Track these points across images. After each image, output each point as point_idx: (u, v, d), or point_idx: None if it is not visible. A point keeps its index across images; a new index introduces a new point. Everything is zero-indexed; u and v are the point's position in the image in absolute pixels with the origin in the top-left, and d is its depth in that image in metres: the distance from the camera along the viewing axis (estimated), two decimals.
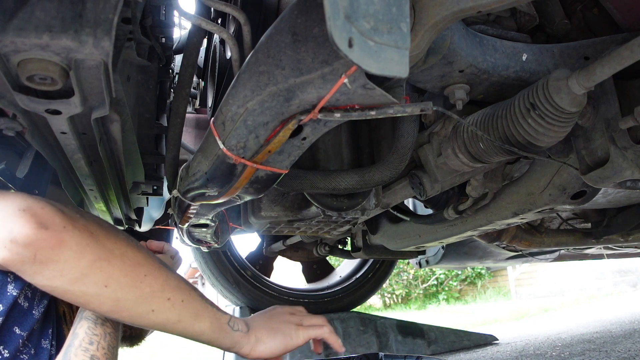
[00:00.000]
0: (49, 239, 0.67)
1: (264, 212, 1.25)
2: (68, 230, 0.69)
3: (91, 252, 0.71)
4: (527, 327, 4.64)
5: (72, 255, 0.69)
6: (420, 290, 11.23)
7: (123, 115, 0.88)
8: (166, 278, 0.79)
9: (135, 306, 0.76)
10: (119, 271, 0.74)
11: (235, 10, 0.78)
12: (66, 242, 0.69)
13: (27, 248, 0.66)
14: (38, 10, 0.52)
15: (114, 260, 0.74)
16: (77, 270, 0.70)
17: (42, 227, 0.67)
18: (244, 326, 0.87)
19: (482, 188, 1.17)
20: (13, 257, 0.67)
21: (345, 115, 0.56)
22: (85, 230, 0.72)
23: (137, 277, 0.75)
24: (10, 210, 0.68)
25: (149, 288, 0.76)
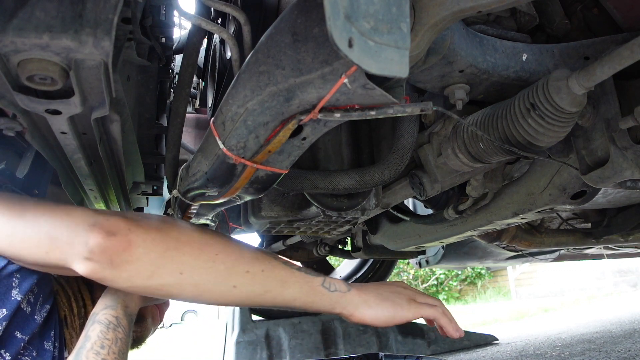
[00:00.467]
0: (119, 242, 0.74)
1: (264, 212, 1.25)
2: (133, 231, 0.75)
3: (159, 245, 0.76)
4: (527, 327, 4.64)
5: (142, 252, 0.75)
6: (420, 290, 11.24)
7: (123, 115, 0.88)
8: (240, 252, 0.80)
9: (215, 286, 0.78)
10: (189, 256, 0.77)
11: (235, 10, 0.78)
12: (134, 242, 0.74)
13: (103, 255, 0.73)
14: (38, 10, 0.52)
15: (182, 247, 0.77)
16: (151, 265, 0.75)
17: (110, 234, 0.74)
18: (342, 286, 0.84)
19: (482, 188, 1.17)
20: (94, 267, 0.74)
21: (345, 115, 0.56)
22: (149, 227, 0.77)
23: (208, 257, 0.77)
24: (81, 227, 0.75)
25: (223, 265, 0.78)
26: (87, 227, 0.74)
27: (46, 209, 0.79)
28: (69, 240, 0.75)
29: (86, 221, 0.75)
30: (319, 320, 2.97)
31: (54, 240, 0.76)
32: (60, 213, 0.77)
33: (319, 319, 2.97)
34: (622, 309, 5.39)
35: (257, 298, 0.80)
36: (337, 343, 2.97)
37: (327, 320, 2.99)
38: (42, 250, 0.77)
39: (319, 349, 2.92)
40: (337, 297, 0.83)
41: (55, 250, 0.76)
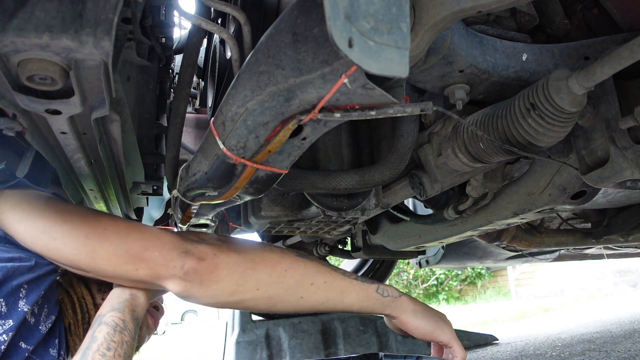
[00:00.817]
0: (208, 266, 0.88)
1: (264, 212, 1.25)
2: (218, 256, 0.89)
3: (239, 266, 0.89)
4: (527, 327, 4.64)
5: (226, 273, 0.88)
6: (420, 290, 11.23)
7: (123, 115, 0.88)
8: (305, 267, 0.93)
9: (285, 298, 0.91)
10: (264, 274, 0.90)
11: (235, 10, 0.78)
12: (219, 265, 0.88)
13: (195, 276, 0.87)
14: (38, 10, 0.52)
15: (257, 266, 0.90)
16: (233, 284, 0.89)
17: (201, 259, 0.88)
18: (394, 292, 0.96)
19: (482, 188, 1.17)
20: (187, 286, 0.87)
21: (345, 115, 0.56)
22: (230, 251, 0.91)
23: (279, 274, 0.90)
24: (176, 252, 0.88)
25: (292, 280, 0.91)
26: (181, 254, 0.87)
27: (130, 230, 0.89)
28: (164, 263, 0.87)
29: (180, 247, 0.88)
30: (319, 320, 2.97)
31: (146, 261, 0.87)
32: (150, 236, 0.89)
33: (319, 319, 2.97)
34: (622, 309, 5.39)
35: (320, 306, 0.93)
36: (337, 343, 2.97)
37: (327, 320, 2.99)
38: (130, 268, 0.87)
39: (319, 349, 2.92)
40: (389, 301, 0.95)
41: (146, 269, 0.87)
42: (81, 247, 0.86)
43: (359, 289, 0.93)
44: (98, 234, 0.87)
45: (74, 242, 0.86)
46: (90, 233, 0.87)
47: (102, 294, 1.02)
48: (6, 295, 0.84)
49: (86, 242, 0.86)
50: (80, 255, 0.86)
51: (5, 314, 0.83)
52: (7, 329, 0.82)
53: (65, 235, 0.86)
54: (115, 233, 0.88)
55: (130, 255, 0.86)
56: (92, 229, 0.87)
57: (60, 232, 0.86)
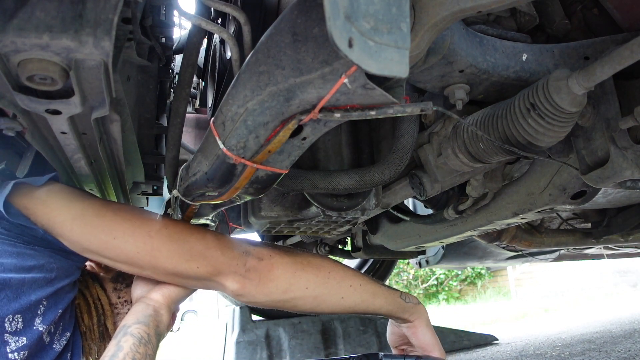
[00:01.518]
0: (266, 265, 0.97)
1: (264, 212, 1.25)
2: (274, 256, 0.99)
3: (291, 267, 0.98)
4: (527, 327, 4.64)
5: (281, 272, 0.97)
6: (420, 290, 11.23)
7: (123, 115, 0.88)
8: (344, 270, 1.03)
9: (329, 297, 1.00)
10: (311, 274, 0.99)
11: (235, 10, 0.77)
12: (275, 265, 0.98)
13: (255, 273, 0.96)
14: (38, 10, 0.52)
15: (306, 267, 1.00)
16: (286, 283, 0.97)
17: (260, 259, 0.97)
18: (415, 299, 1.08)
19: (482, 188, 1.17)
20: (246, 282, 0.95)
21: (345, 115, 0.56)
22: (283, 252, 1.01)
23: (325, 275, 1.00)
24: (237, 252, 0.96)
25: (335, 281, 1.00)
26: (242, 253, 0.96)
27: (192, 230, 0.97)
28: (226, 261, 0.94)
29: (240, 247, 0.97)
30: (319, 320, 2.97)
31: (208, 259, 0.93)
32: (211, 237, 0.97)
33: (319, 319, 2.97)
34: (622, 309, 5.39)
35: (356, 307, 1.02)
36: (337, 343, 2.97)
37: (327, 320, 2.99)
38: (193, 265, 0.93)
39: (319, 349, 2.92)
40: (409, 307, 1.06)
41: (207, 267, 0.93)
42: (143, 245, 0.91)
43: (386, 293, 1.03)
44: (161, 233, 0.92)
45: (136, 240, 0.91)
46: (153, 232, 0.92)
47: (117, 292, 1.04)
48: (24, 311, 0.85)
49: (149, 240, 0.91)
50: (142, 253, 0.91)
51: (21, 331, 0.84)
52: (20, 347, 0.83)
53: (127, 234, 0.90)
54: (177, 233, 0.94)
55: (192, 254, 0.93)
56: (155, 228, 0.93)
57: (122, 231, 0.90)
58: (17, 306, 0.84)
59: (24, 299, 0.85)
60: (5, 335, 0.83)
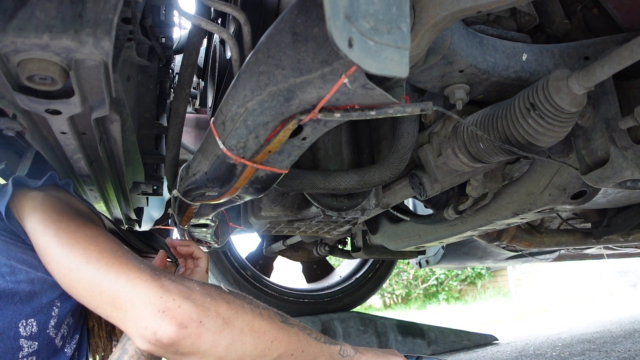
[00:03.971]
0: (189, 336, 0.74)
1: (264, 212, 1.25)
2: (204, 324, 0.75)
3: (225, 338, 0.77)
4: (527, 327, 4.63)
5: (209, 344, 0.76)
6: (420, 290, 11.23)
7: (123, 115, 0.88)
8: (288, 336, 0.85)
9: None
10: (250, 346, 0.80)
11: (235, 10, 0.77)
12: (203, 336, 0.75)
13: (171, 346, 0.73)
14: (38, 10, 0.52)
15: (245, 338, 0.79)
16: (214, 357, 0.77)
17: (182, 327, 0.73)
18: (351, 351, 0.95)
19: (482, 188, 1.17)
20: (158, 351, 0.74)
21: (345, 115, 0.56)
22: (218, 317, 0.77)
23: (265, 346, 0.82)
24: (148, 311, 0.73)
25: (277, 352, 0.83)
26: (156, 313, 0.73)
27: (110, 262, 0.78)
28: (134, 319, 0.74)
29: (155, 304, 0.73)
30: (319, 320, 2.97)
31: (117, 310, 0.75)
32: (125, 279, 0.76)
33: (319, 319, 2.97)
34: (622, 309, 5.39)
35: None
36: None
37: (327, 320, 2.99)
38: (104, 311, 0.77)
39: None
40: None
41: (116, 319, 0.76)
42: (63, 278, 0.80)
43: (326, 353, 0.91)
44: (80, 255, 0.79)
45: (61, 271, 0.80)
46: (71, 247, 0.80)
47: None
48: (37, 314, 0.85)
49: (63, 256, 0.80)
50: (64, 285, 0.81)
51: (35, 335, 0.84)
52: (31, 352, 0.83)
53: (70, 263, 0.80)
54: (95, 262, 0.78)
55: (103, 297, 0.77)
56: (73, 243, 0.80)
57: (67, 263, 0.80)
58: (30, 310, 0.83)
59: (37, 302, 0.84)
60: (21, 340, 0.82)
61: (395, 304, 11.10)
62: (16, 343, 0.82)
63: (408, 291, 11.23)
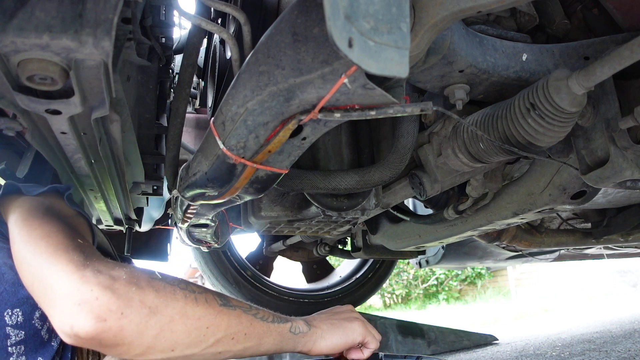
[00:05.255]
0: (110, 329, 0.69)
1: (264, 212, 1.25)
2: (126, 315, 0.70)
3: (152, 328, 0.72)
4: (527, 327, 4.63)
5: (134, 336, 0.71)
6: (420, 290, 11.23)
7: (123, 115, 0.88)
8: (227, 320, 0.81)
9: (202, 356, 0.79)
10: (182, 334, 0.76)
11: (235, 10, 0.77)
12: (125, 328, 0.70)
13: (91, 340, 0.69)
14: (38, 10, 0.52)
15: (175, 326, 0.75)
16: (142, 347, 0.73)
17: (100, 320, 0.68)
18: (304, 326, 0.90)
19: (482, 188, 1.17)
20: (82, 344, 0.70)
21: (345, 115, 0.56)
22: (143, 306, 0.72)
23: (199, 333, 0.78)
24: (66, 303, 0.68)
25: (213, 338, 0.79)
26: (72, 306, 0.68)
27: (49, 255, 0.74)
28: (55, 313, 0.70)
29: (72, 296, 0.68)
30: None
31: (45, 303, 0.72)
32: (53, 270, 0.72)
33: None
34: (622, 309, 5.39)
35: (236, 356, 0.84)
36: None
37: None
38: (40, 305, 0.75)
39: None
40: (299, 338, 0.89)
41: (46, 312, 0.73)
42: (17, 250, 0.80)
43: (275, 333, 0.86)
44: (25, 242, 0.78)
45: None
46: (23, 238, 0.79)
47: None
48: (22, 304, 0.86)
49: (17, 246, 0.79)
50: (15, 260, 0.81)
51: (21, 324, 0.85)
52: (18, 340, 0.84)
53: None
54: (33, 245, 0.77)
55: (34, 283, 0.74)
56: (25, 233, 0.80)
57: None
58: (15, 300, 0.85)
59: (22, 292, 0.86)
60: (7, 328, 0.84)
61: (395, 304, 11.10)
62: (3, 331, 0.83)
63: (408, 291, 11.23)
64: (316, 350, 0.91)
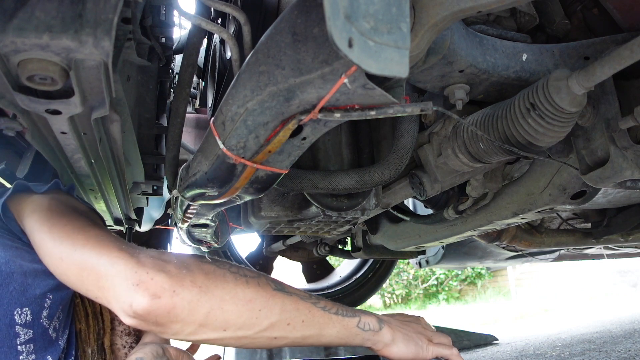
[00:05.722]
0: (164, 306, 0.75)
1: (264, 212, 1.25)
2: (178, 293, 0.76)
3: (203, 306, 0.77)
4: (527, 327, 4.64)
5: (186, 313, 0.76)
6: (420, 290, 11.23)
7: (123, 115, 0.88)
8: (282, 304, 0.82)
9: (257, 339, 0.81)
10: (233, 314, 0.79)
11: (235, 10, 0.77)
12: (178, 305, 0.76)
13: (148, 317, 0.75)
14: (38, 10, 0.52)
15: (226, 306, 0.79)
16: (195, 325, 0.78)
17: (155, 297, 0.75)
18: (375, 324, 0.90)
19: (482, 188, 1.17)
20: (140, 323, 0.77)
21: (345, 115, 0.56)
22: (194, 286, 0.78)
23: (251, 314, 0.80)
24: (125, 285, 0.76)
25: (267, 321, 0.80)
26: (131, 287, 0.75)
27: (94, 246, 0.80)
28: (115, 295, 0.76)
29: (130, 278, 0.76)
30: None
31: (101, 289, 0.78)
32: (106, 259, 0.78)
33: None
34: (622, 309, 5.39)
35: (296, 343, 0.85)
36: None
37: None
38: (93, 293, 0.80)
39: (319, 349, 2.91)
40: (369, 335, 0.89)
41: (103, 300, 0.79)
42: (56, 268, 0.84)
43: (339, 325, 0.86)
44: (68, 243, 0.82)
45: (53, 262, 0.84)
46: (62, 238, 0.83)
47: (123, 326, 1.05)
48: (31, 303, 0.87)
49: (55, 248, 0.83)
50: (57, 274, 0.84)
51: (30, 323, 0.86)
52: (27, 339, 0.85)
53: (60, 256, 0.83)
54: (82, 246, 0.81)
55: (90, 279, 0.79)
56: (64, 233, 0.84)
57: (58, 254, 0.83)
58: (24, 299, 0.86)
59: (30, 292, 0.86)
60: (17, 327, 0.85)
61: (395, 304, 11.10)
62: (12, 330, 0.84)
63: (408, 291, 11.23)
64: (386, 353, 0.90)
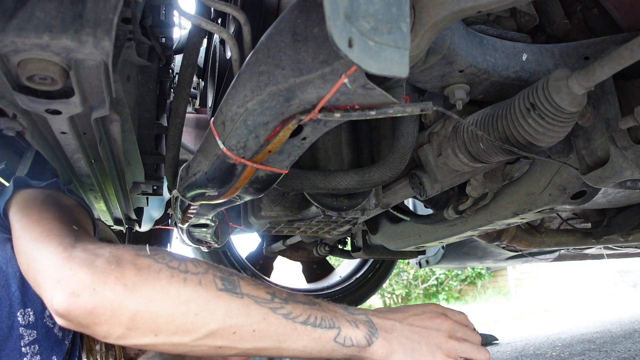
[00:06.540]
0: (83, 305, 0.65)
1: (264, 212, 1.25)
2: (99, 291, 0.66)
3: (127, 308, 0.66)
4: (527, 327, 4.64)
5: (109, 314, 0.66)
6: (420, 290, 11.23)
7: (123, 115, 0.88)
8: (226, 309, 0.69)
9: (196, 347, 0.70)
10: (163, 318, 0.67)
11: (235, 10, 0.77)
12: (99, 304, 0.66)
13: (70, 316, 0.66)
14: (38, 10, 0.52)
15: (154, 307, 0.67)
16: (122, 327, 0.67)
17: (74, 295, 0.65)
18: (361, 339, 0.73)
19: (482, 188, 1.17)
20: (68, 325, 0.68)
21: (345, 115, 0.56)
22: (119, 283, 0.67)
23: (186, 319, 0.68)
24: (49, 282, 0.68)
25: (205, 328, 0.68)
26: (54, 284, 0.67)
27: (43, 239, 0.74)
28: (42, 293, 0.70)
29: (53, 275, 0.67)
30: None
31: (37, 286, 0.72)
32: (44, 253, 0.71)
33: None
34: (622, 309, 5.39)
35: (249, 355, 0.72)
36: None
37: None
38: (37, 290, 0.73)
39: None
40: (353, 351, 0.73)
41: (41, 296, 0.72)
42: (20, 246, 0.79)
43: (306, 337, 0.71)
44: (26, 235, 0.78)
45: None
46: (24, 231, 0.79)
47: None
48: (33, 304, 0.87)
49: (20, 240, 0.79)
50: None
51: (33, 324, 0.86)
52: (31, 340, 0.85)
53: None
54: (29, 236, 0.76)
55: (29, 270, 0.74)
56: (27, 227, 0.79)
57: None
58: (27, 299, 0.86)
59: (32, 292, 0.86)
60: (20, 329, 0.84)
61: (395, 304, 11.09)
62: (16, 332, 0.83)
63: (408, 291, 11.23)
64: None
